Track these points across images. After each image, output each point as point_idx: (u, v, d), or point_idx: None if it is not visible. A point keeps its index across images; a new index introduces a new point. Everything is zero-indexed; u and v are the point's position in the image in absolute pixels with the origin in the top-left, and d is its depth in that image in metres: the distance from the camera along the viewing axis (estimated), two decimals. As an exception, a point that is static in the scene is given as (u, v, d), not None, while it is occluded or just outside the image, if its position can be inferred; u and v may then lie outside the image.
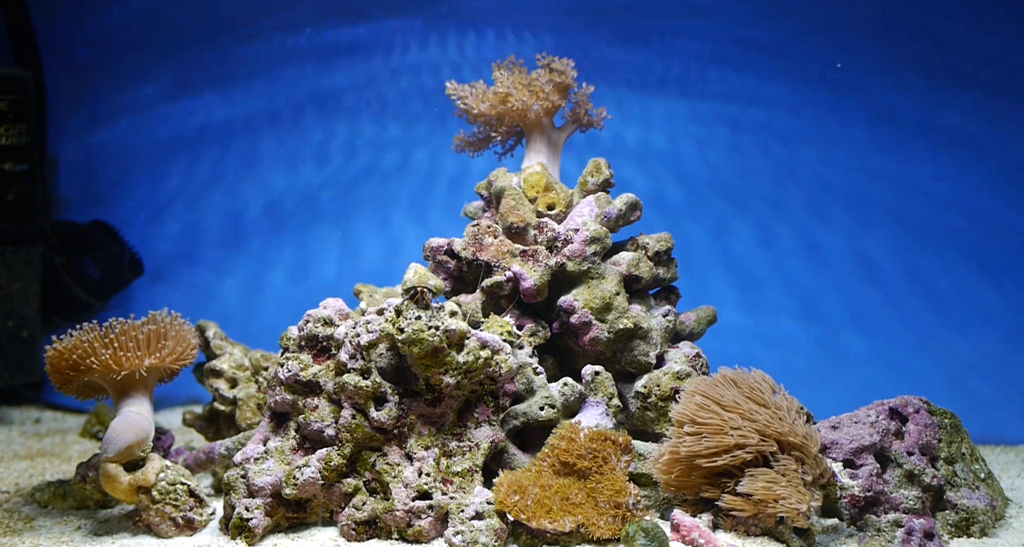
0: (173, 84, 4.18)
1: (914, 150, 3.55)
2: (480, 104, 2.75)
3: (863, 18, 3.56)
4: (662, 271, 2.63)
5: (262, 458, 2.23)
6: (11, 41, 4.07)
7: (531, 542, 2.09)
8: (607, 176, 2.65)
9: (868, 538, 2.11)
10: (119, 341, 2.27)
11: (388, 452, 2.19)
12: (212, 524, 2.28)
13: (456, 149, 2.87)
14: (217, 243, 4.14)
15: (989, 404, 3.37)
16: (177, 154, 4.19)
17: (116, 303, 4.11)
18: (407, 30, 3.96)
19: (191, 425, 2.82)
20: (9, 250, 3.73)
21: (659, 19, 3.75)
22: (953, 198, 3.52)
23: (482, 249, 2.54)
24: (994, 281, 3.47)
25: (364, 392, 2.18)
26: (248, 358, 2.77)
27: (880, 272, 3.59)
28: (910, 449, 2.25)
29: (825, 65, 3.60)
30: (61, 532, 2.29)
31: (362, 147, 4.06)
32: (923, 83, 3.52)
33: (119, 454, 2.21)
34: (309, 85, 4.10)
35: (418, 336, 2.12)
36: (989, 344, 3.44)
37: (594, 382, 2.38)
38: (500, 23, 3.86)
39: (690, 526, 2.06)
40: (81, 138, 4.22)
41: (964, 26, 3.45)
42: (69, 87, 4.16)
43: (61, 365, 2.29)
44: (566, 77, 2.74)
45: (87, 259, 4.01)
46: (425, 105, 3.99)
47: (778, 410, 2.10)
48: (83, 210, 4.17)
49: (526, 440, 2.37)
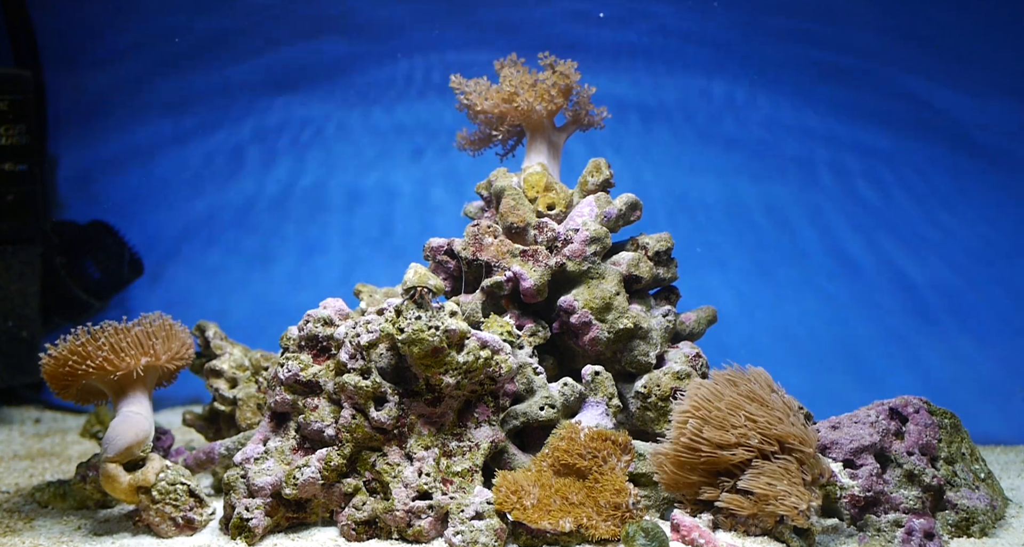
0: (173, 84, 4.17)
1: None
2: (483, 102, 2.75)
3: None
4: (662, 271, 2.63)
5: (262, 458, 2.23)
6: (11, 41, 4.07)
7: (531, 542, 2.09)
8: (607, 176, 2.65)
9: (868, 538, 2.11)
10: (114, 342, 2.27)
11: (388, 452, 2.19)
12: (212, 524, 2.28)
13: (458, 147, 2.87)
14: (217, 243, 4.14)
15: (989, 404, 3.37)
16: (177, 154, 4.19)
17: (116, 303, 4.11)
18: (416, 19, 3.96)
19: (191, 425, 2.82)
20: (9, 250, 3.73)
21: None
22: (956, 198, 3.52)
23: (482, 249, 2.54)
24: (995, 280, 3.47)
25: (364, 392, 2.18)
26: (248, 358, 2.77)
27: (880, 272, 3.59)
28: (910, 449, 2.25)
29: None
30: (61, 532, 2.29)
31: (362, 147, 4.06)
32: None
33: (119, 454, 2.21)
34: (313, 81, 4.10)
35: (418, 336, 2.12)
36: (990, 344, 3.44)
37: (594, 382, 2.38)
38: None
39: (690, 526, 2.06)
40: (81, 138, 4.22)
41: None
42: (69, 87, 4.16)
43: (58, 372, 2.29)
44: (569, 79, 2.74)
45: (87, 259, 4.01)
46: (425, 105, 4.00)
47: (778, 410, 2.10)
48: (83, 210, 4.17)
49: (526, 440, 2.37)
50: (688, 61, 3.75)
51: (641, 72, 3.80)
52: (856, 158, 3.64)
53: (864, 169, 3.63)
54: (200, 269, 4.14)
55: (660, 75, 3.80)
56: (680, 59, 3.76)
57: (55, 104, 4.12)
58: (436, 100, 3.97)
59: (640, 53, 3.79)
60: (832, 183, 3.65)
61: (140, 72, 4.17)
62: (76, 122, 4.20)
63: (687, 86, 3.77)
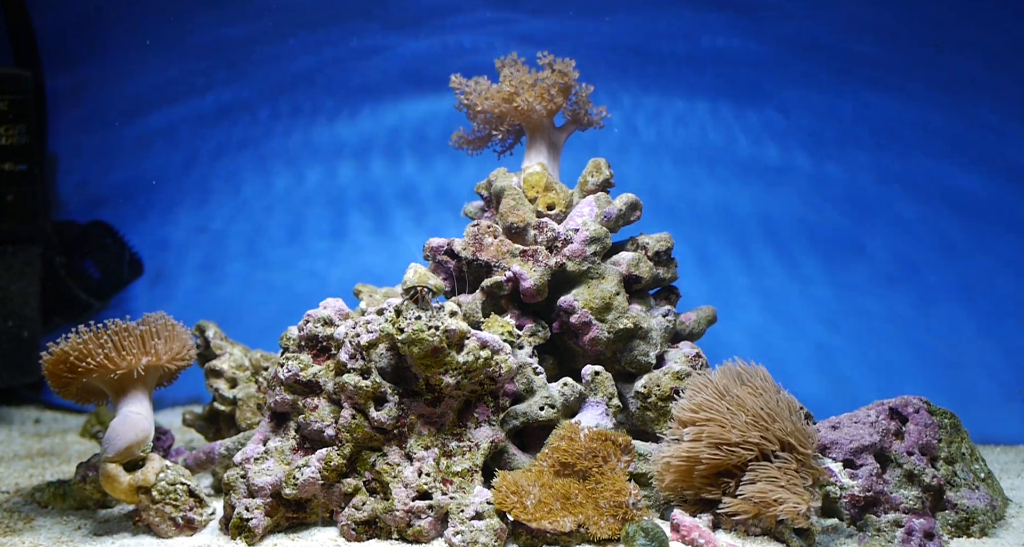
0: (173, 84, 4.17)
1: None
2: (484, 101, 2.75)
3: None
4: (662, 271, 2.63)
5: (262, 458, 2.23)
6: (11, 41, 4.07)
7: (531, 542, 2.09)
8: (607, 176, 2.65)
9: (868, 538, 2.11)
10: (115, 340, 2.27)
11: (388, 452, 2.19)
12: (212, 524, 2.28)
13: (455, 146, 2.87)
14: (217, 243, 4.14)
15: (989, 404, 3.36)
16: (177, 154, 4.18)
17: (116, 303, 4.11)
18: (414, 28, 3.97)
19: (191, 425, 2.82)
20: (9, 250, 3.73)
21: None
22: (958, 198, 3.53)
23: (482, 249, 2.54)
24: (994, 280, 3.47)
25: (364, 392, 2.18)
26: (248, 358, 2.77)
27: (880, 271, 3.58)
28: (910, 449, 2.25)
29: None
30: (61, 532, 2.29)
31: (363, 146, 4.06)
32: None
33: (119, 454, 2.21)
34: (311, 83, 4.10)
35: (418, 336, 2.12)
36: (990, 344, 3.44)
37: (594, 382, 2.38)
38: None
39: (690, 526, 2.06)
40: (81, 138, 4.21)
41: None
42: (69, 87, 4.16)
43: (59, 369, 2.29)
44: (568, 78, 2.74)
45: (87, 259, 4.00)
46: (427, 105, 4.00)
47: (778, 409, 2.10)
48: (83, 210, 4.17)
49: (526, 440, 2.37)
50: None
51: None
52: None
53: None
54: (201, 269, 4.14)
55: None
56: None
57: (55, 104, 4.12)
58: (435, 98, 3.97)
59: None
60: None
61: (140, 72, 4.17)
62: (76, 122, 4.20)
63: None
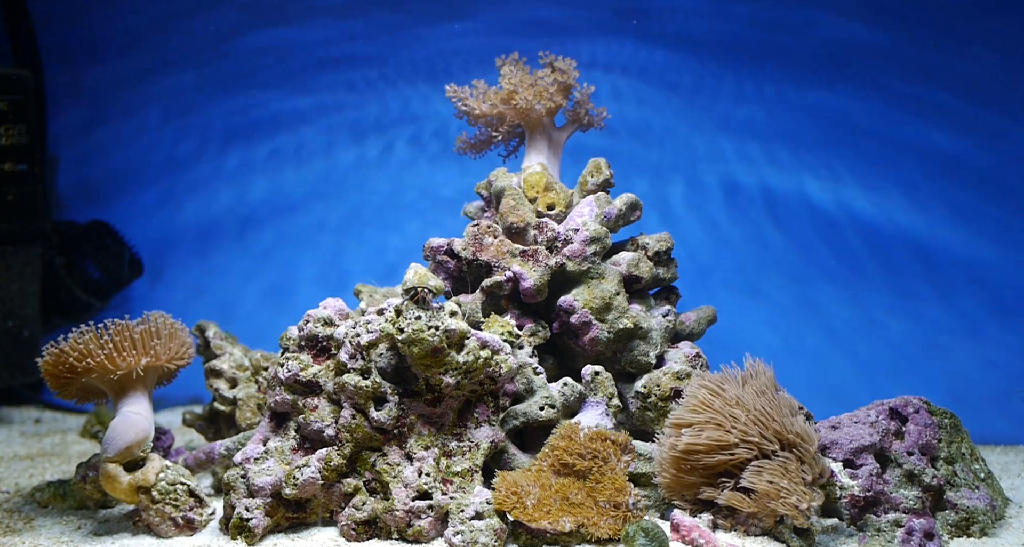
0: (173, 83, 4.18)
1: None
2: (482, 104, 2.75)
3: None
4: (662, 271, 2.63)
5: (262, 458, 2.23)
6: (11, 41, 4.07)
7: (531, 542, 2.09)
8: (607, 176, 2.65)
9: (868, 538, 2.11)
10: (115, 341, 2.27)
11: (388, 452, 2.19)
12: (212, 524, 2.28)
13: (458, 151, 2.87)
14: (217, 243, 4.14)
15: (989, 404, 3.36)
16: (177, 154, 4.19)
17: (116, 303, 4.11)
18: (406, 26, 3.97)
19: (191, 425, 2.82)
20: (9, 250, 3.73)
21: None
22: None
23: (482, 249, 2.54)
24: (994, 279, 3.47)
25: (364, 392, 2.18)
26: (248, 358, 2.77)
27: (880, 270, 3.58)
28: (910, 449, 2.25)
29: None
30: (61, 532, 2.29)
31: (364, 146, 4.06)
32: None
33: (119, 454, 2.21)
34: (310, 83, 4.10)
35: (418, 336, 2.12)
36: (990, 344, 3.44)
37: (594, 382, 2.38)
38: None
39: (690, 526, 2.06)
40: (81, 138, 4.22)
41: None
42: (69, 87, 4.16)
43: (58, 369, 2.28)
44: (568, 77, 2.74)
45: (87, 259, 4.01)
46: (426, 105, 4.00)
47: (778, 409, 2.10)
48: (83, 210, 4.17)
49: (526, 440, 2.37)
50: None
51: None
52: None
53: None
54: (200, 269, 4.14)
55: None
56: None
57: (55, 104, 4.12)
58: (434, 97, 3.97)
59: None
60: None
61: (141, 72, 4.17)
62: (76, 122, 4.20)
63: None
